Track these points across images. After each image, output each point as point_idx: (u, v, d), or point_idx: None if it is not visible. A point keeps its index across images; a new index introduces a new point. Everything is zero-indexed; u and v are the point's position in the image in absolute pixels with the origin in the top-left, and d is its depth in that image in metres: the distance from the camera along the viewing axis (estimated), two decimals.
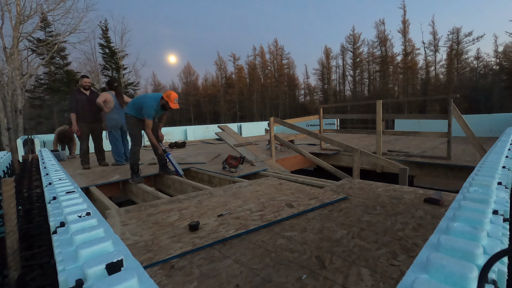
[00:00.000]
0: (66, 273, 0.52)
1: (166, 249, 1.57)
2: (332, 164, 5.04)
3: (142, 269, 0.51)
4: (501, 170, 1.28)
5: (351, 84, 41.06)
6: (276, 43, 45.32)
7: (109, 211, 2.40)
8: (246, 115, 42.76)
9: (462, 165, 4.13)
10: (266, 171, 4.15)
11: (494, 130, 7.44)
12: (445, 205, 2.09)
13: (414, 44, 34.44)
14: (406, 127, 9.03)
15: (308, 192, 2.62)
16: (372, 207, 2.13)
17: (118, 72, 28.78)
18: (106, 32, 28.52)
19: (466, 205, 0.78)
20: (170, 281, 1.27)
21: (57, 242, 0.67)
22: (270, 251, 1.52)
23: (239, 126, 12.43)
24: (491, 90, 27.42)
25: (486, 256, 0.52)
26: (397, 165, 3.46)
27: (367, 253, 1.43)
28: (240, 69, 45.93)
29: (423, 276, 0.47)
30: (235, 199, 2.53)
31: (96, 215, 0.83)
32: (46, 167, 2.16)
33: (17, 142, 6.48)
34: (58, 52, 24.15)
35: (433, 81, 33.29)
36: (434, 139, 6.90)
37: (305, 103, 45.58)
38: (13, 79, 14.76)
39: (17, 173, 3.54)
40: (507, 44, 28.96)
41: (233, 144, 5.31)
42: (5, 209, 1.01)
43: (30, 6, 15.78)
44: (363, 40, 39.22)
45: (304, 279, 1.23)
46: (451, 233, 0.62)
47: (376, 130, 5.19)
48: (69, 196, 1.08)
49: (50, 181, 1.48)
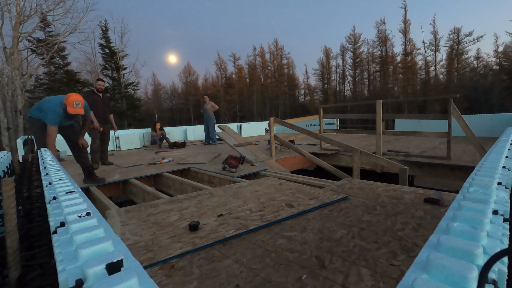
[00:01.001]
0: (66, 273, 0.52)
1: (166, 249, 1.57)
2: (332, 164, 5.04)
3: (142, 269, 0.51)
4: (501, 170, 1.28)
5: (351, 84, 41.08)
6: (276, 43, 45.37)
7: (109, 211, 2.40)
8: (246, 115, 42.77)
9: (462, 165, 4.13)
10: (266, 171, 4.15)
11: (494, 130, 7.45)
12: (445, 205, 2.09)
13: (415, 44, 34.49)
14: (406, 127, 9.03)
15: (308, 192, 2.62)
16: (372, 207, 2.13)
17: (118, 72, 28.80)
18: (106, 32, 28.53)
19: (466, 205, 0.78)
20: (170, 281, 1.27)
21: (57, 242, 0.67)
22: (270, 251, 1.52)
23: (239, 126, 12.43)
24: (491, 90, 27.43)
25: (486, 256, 0.52)
26: (397, 165, 3.46)
27: (367, 253, 1.43)
28: (240, 69, 45.96)
29: (423, 276, 0.47)
30: (235, 199, 2.53)
31: (96, 215, 0.83)
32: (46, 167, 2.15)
33: (17, 142, 6.48)
34: (58, 52, 24.16)
35: (433, 81, 33.30)
36: (434, 139, 6.90)
37: (305, 103, 45.60)
38: (13, 79, 14.76)
39: (17, 173, 3.54)
40: (507, 44, 29.01)
41: (233, 144, 5.31)
42: (5, 209, 1.01)
43: (30, 6, 15.82)
44: (363, 40, 39.28)
45: (304, 279, 1.23)
46: (451, 233, 0.62)
47: (376, 130, 5.20)
48: (69, 196, 1.08)
49: (50, 181, 1.47)
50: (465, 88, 28.32)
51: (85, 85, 27.55)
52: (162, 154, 6.68)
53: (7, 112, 15.20)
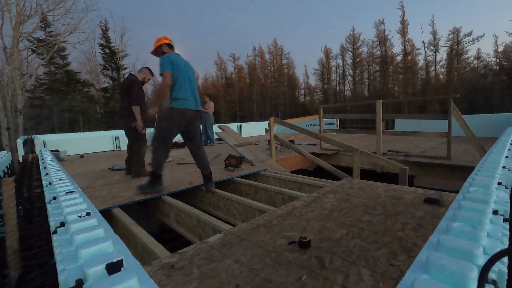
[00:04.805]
0: (66, 273, 0.52)
1: None
2: (332, 164, 5.04)
3: (142, 269, 0.51)
4: (501, 170, 1.28)
5: (351, 84, 41.08)
6: (276, 43, 45.38)
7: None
8: (246, 115, 42.76)
9: (462, 165, 4.12)
10: (266, 171, 4.16)
11: (494, 130, 7.44)
12: (445, 205, 2.09)
13: (414, 44, 34.53)
14: (406, 127, 9.03)
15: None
16: (372, 207, 2.13)
17: (118, 72, 28.80)
18: (106, 32, 28.55)
19: (466, 205, 0.78)
20: (170, 281, 1.27)
21: (57, 242, 0.67)
22: (270, 251, 1.52)
23: (239, 126, 12.42)
24: (491, 90, 27.42)
25: (486, 256, 0.52)
26: (397, 165, 3.45)
27: (367, 253, 1.43)
28: (240, 69, 45.96)
29: (423, 276, 0.47)
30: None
31: (96, 215, 0.83)
32: (46, 167, 2.16)
33: (17, 142, 6.49)
34: (58, 52, 24.19)
35: (433, 81, 33.30)
36: (434, 139, 6.90)
37: (305, 103, 45.58)
38: (13, 79, 14.76)
39: (17, 173, 3.54)
40: (507, 44, 28.99)
41: (233, 144, 5.31)
42: (5, 209, 1.01)
43: (30, 6, 15.85)
44: (363, 40, 39.31)
45: (304, 279, 1.23)
46: (451, 233, 0.62)
47: (376, 130, 5.19)
48: (69, 196, 1.08)
49: (50, 181, 1.48)
50: (465, 88, 28.31)
51: (85, 85, 27.59)
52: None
53: (7, 112, 15.21)
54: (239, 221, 2.72)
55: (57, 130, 23.74)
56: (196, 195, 3.46)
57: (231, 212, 2.88)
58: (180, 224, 2.70)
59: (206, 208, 3.24)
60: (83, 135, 9.15)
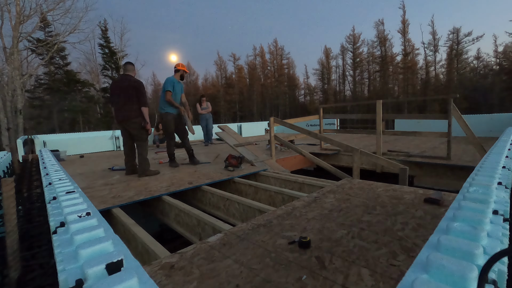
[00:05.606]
0: (66, 273, 0.52)
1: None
2: (332, 164, 5.04)
3: (142, 269, 0.51)
4: (501, 170, 1.28)
5: (351, 84, 41.08)
6: (276, 43, 45.39)
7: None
8: (246, 115, 42.76)
9: (462, 165, 4.13)
10: (266, 171, 4.15)
11: (494, 130, 7.44)
12: (445, 205, 2.09)
13: (414, 44, 34.53)
14: (406, 127, 9.03)
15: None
16: (372, 207, 2.13)
17: (118, 72, 28.80)
18: (106, 32, 28.56)
19: (466, 205, 0.78)
20: (170, 281, 1.27)
21: (57, 242, 0.67)
22: (270, 251, 1.51)
23: (239, 126, 12.42)
24: (491, 90, 27.42)
25: (486, 256, 0.52)
26: (397, 165, 3.45)
27: (367, 253, 1.43)
28: (240, 69, 45.98)
29: (423, 276, 0.47)
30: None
31: (96, 215, 0.83)
32: (46, 167, 2.16)
33: (17, 142, 6.48)
34: (58, 52, 24.17)
35: (433, 81, 33.31)
36: (434, 139, 6.90)
37: (305, 103, 45.61)
38: (13, 79, 14.75)
39: (17, 173, 3.54)
40: (507, 44, 29.01)
41: (233, 144, 5.31)
42: (5, 209, 1.01)
43: (29, 6, 15.80)
44: (363, 40, 39.33)
45: (304, 279, 1.23)
46: (451, 233, 0.62)
47: (376, 130, 5.19)
48: (69, 196, 1.08)
49: (50, 181, 1.47)
50: (465, 88, 28.31)
51: (85, 85, 27.59)
52: (162, 155, 6.68)
53: (7, 112, 15.20)
54: (239, 221, 2.71)
55: (57, 130, 23.73)
56: (196, 195, 3.46)
57: (231, 212, 2.88)
58: (180, 224, 2.70)
59: (206, 208, 3.25)
60: (83, 135, 9.14)
